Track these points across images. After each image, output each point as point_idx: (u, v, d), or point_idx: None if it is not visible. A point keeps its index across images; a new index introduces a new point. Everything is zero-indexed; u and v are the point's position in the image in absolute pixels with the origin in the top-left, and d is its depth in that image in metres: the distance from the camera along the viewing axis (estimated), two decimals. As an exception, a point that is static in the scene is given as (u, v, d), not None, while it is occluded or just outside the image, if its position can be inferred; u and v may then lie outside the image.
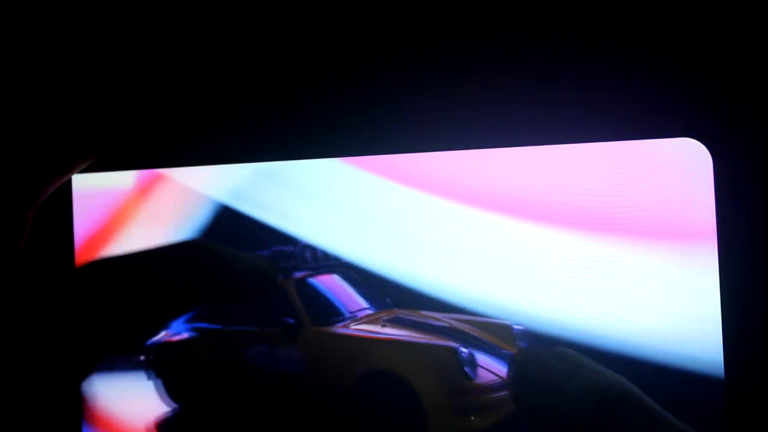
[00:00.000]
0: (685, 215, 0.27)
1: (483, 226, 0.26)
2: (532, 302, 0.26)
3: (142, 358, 0.28)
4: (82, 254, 0.29)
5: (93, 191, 0.28)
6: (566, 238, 0.26)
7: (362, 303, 0.27)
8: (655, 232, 0.26)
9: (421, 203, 0.27)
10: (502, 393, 0.26)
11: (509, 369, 0.27)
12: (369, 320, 0.27)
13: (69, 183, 0.29)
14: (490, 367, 0.26)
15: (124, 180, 0.28)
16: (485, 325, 0.26)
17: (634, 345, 0.26)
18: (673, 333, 0.26)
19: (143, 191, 0.28)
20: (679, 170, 0.28)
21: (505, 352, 0.26)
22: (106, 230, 0.29)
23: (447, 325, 0.26)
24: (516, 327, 0.26)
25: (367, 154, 0.27)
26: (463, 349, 0.26)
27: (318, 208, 0.27)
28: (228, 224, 0.27)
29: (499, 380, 0.26)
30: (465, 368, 0.26)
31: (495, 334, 0.26)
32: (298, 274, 0.27)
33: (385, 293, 0.27)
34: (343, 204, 0.27)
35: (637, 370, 0.26)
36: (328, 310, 0.27)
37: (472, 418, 0.26)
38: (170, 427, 0.28)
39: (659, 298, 0.26)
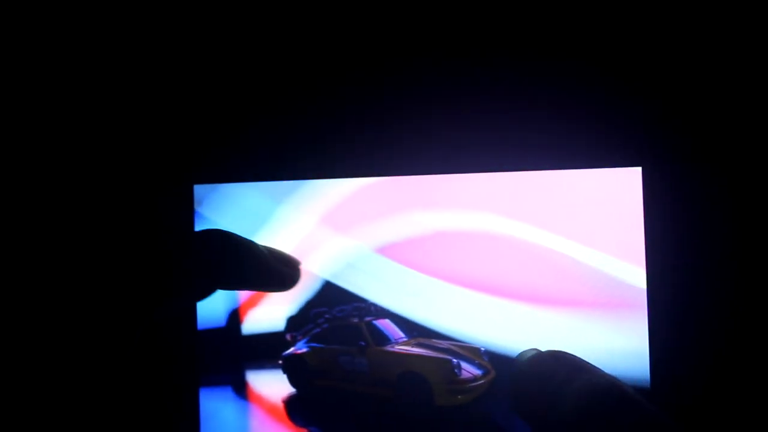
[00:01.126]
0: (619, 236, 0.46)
1: (468, 296, 0.49)
2: (494, 336, 0.49)
3: (280, 362, 0.51)
4: (243, 310, 0.52)
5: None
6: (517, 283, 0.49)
7: (400, 334, 0.50)
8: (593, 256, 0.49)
9: (428, 282, 0.49)
10: (476, 383, 0.49)
11: (511, 373, 0.29)
12: (404, 344, 0.50)
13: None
14: (469, 370, 0.49)
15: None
16: (465, 346, 0.49)
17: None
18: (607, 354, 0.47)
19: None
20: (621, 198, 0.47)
21: (477, 362, 0.49)
22: (260, 293, 0.51)
23: (445, 347, 0.49)
24: (482, 348, 0.49)
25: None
26: (454, 360, 0.49)
27: (377, 285, 0.50)
28: (330, 292, 0.50)
29: (472, 377, 0.49)
30: (455, 370, 0.49)
31: (471, 351, 0.49)
32: (367, 318, 0.50)
33: (413, 329, 0.50)
34: (392, 280, 0.50)
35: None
36: (383, 338, 0.50)
37: (459, 396, 0.49)
38: (292, 402, 0.51)
39: (594, 327, 0.48)
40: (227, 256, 0.31)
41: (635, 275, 0.46)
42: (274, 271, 0.35)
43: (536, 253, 0.47)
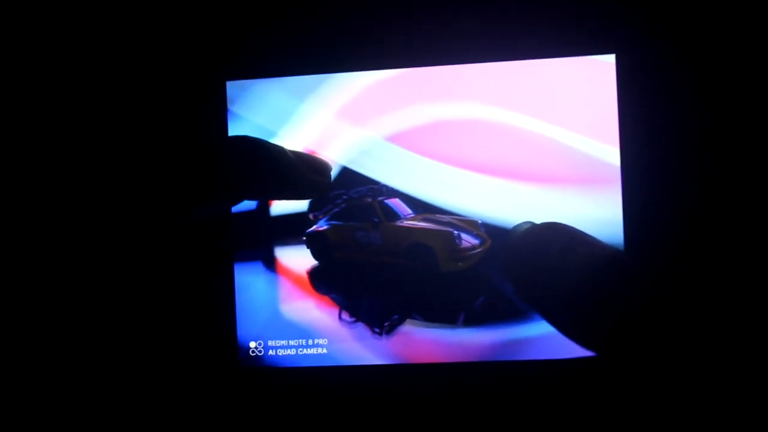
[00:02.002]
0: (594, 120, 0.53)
1: (467, 177, 0.57)
2: (489, 210, 0.57)
3: (304, 239, 0.59)
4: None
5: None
6: (508, 161, 0.56)
7: (409, 210, 0.57)
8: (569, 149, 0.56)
9: (432, 165, 0.57)
10: (474, 251, 0.57)
11: (506, 246, 0.30)
12: (412, 219, 0.57)
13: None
14: (468, 240, 0.57)
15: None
16: (465, 220, 0.56)
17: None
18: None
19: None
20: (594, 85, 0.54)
21: (474, 233, 0.57)
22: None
23: (448, 220, 0.57)
24: (480, 220, 0.56)
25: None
26: (455, 232, 0.57)
27: (389, 169, 0.57)
28: (347, 176, 0.58)
29: (471, 246, 0.57)
30: (455, 240, 0.56)
31: (469, 224, 0.56)
32: (380, 197, 0.57)
33: (419, 206, 0.57)
34: (401, 164, 0.57)
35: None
36: (393, 214, 0.58)
37: (460, 263, 0.57)
38: (315, 273, 0.59)
39: (573, 200, 0.56)
40: (258, 163, 0.31)
41: (610, 154, 0.54)
42: (306, 179, 0.34)
43: (522, 137, 0.54)
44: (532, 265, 0.27)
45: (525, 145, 0.54)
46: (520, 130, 0.54)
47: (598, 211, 0.53)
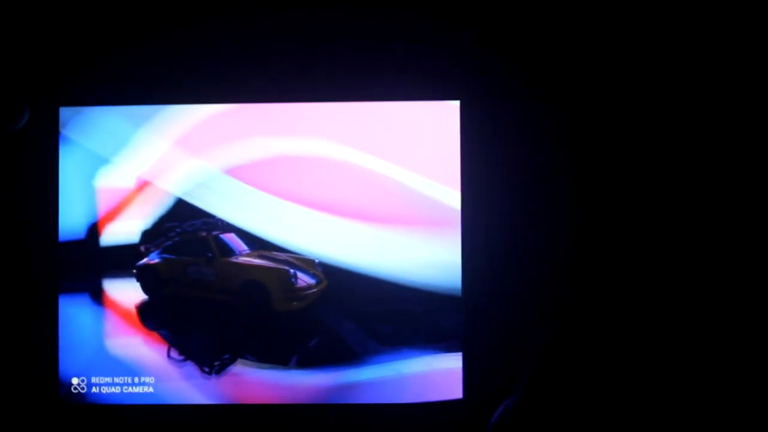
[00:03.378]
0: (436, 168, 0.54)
1: (304, 214, 0.55)
2: (327, 250, 0.55)
3: (134, 271, 0.56)
4: (102, 224, 0.56)
5: (112, 187, 0.56)
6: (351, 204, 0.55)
7: (244, 246, 0.55)
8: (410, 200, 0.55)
9: (270, 200, 0.55)
10: (310, 291, 0.55)
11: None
12: (248, 255, 0.56)
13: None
14: (304, 279, 0.55)
15: (129, 183, 0.56)
16: (302, 258, 0.55)
17: (398, 276, 0.55)
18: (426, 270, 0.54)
19: (137, 189, 0.56)
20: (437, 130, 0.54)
21: (311, 272, 0.55)
22: (117, 209, 0.56)
23: (284, 258, 0.55)
24: (317, 260, 0.55)
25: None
26: (291, 270, 0.55)
27: (225, 202, 0.56)
28: (181, 208, 0.55)
29: (307, 285, 0.55)
30: (291, 279, 0.55)
31: (306, 263, 0.55)
32: (215, 232, 0.55)
33: (255, 243, 0.55)
34: (238, 199, 0.55)
35: (397, 292, 0.54)
36: (228, 250, 0.56)
37: (294, 303, 0.55)
38: (144, 308, 0.56)
39: (414, 248, 0.54)
40: None
41: (452, 197, 0.53)
42: None
43: (366, 176, 0.53)
44: None
45: (368, 185, 0.53)
46: (363, 170, 0.53)
47: (438, 254, 0.52)
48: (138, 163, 0.56)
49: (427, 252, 0.54)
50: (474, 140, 0.55)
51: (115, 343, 0.55)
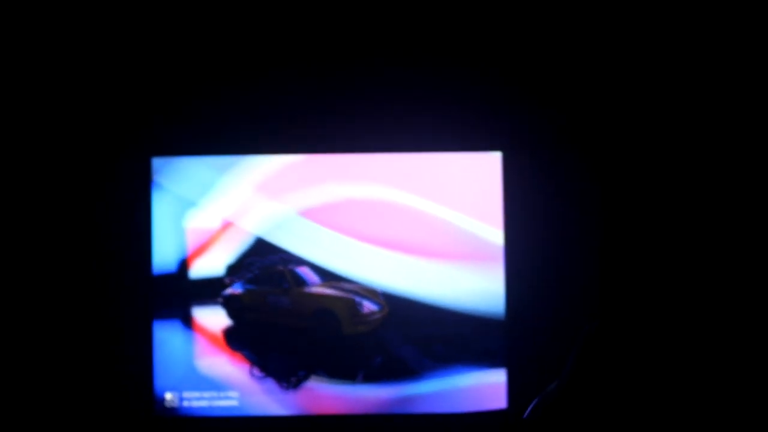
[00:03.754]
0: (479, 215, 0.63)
1: (370, 251, 0.63)
2: (388, 280, 0.64)
3: (220, 300, 0.65)
4: (191, 259, 0.64)
5: (200, 228, 0.64)
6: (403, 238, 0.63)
7: (316, 278, 0.64)
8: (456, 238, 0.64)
9: (339, 238, 0.63)
10: (374, 317, 0.63)
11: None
12: (319, 286, 0.64)
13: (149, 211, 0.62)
14: (369, 306, 0.64)
15: (215, 224, 0.64)
16: (366, 288, 0.64)
17: (449, 303, 0.63)
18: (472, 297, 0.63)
19: (222, 229, 0.64)
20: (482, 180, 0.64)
21: (374, 300, 0.63)
22: (204, 246, 0.64)
23: (351, 288, 0.64)
24: (379, 289, 0.63)
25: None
26: (357, 299, 0.63)
27: (300, 241, 0.64)
28: (261, 246, 0.64)
29: (371, 312, 0.63)
30: (357, 306, 0.63)
31: (370, 292, 0.64)
32: (290, 266, 0.64)
33: (326, 275, 0.64)
34: (311, 237, 0.64)
35: (448, 317, 0.62)
36: (302, 281, 0.64)
37: (360, 327, 0.64)
38: (229, 331, 0.65)
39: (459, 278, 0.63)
40: None
41: (495, 235, 0.61)
42: None
43: (419, 217, 0.62)
44: None
45: (421, 225, 0.61)
46: (418, 212, 0.61)
47: (484, 283, 0.61)
48: (222, 207, 0.64)
49: (474, 282, 0.63)
50: (515, 185, 0.63)
51: (203, 362, 0.64)
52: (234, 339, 0.64)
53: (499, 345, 0.63)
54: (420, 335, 0.62)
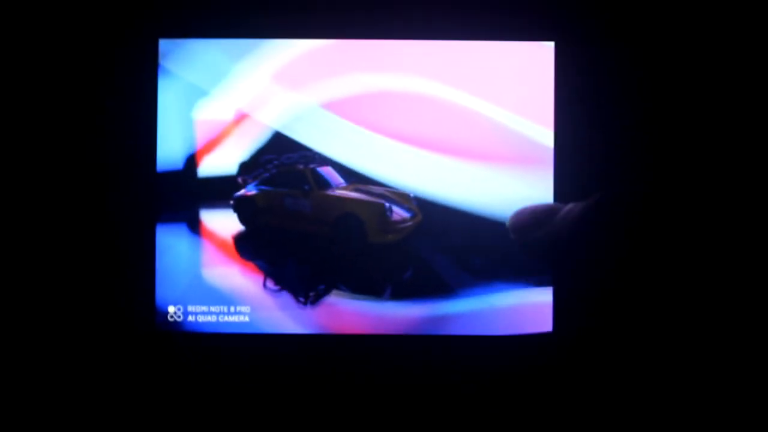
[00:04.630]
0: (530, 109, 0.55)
1: (401, 149, 0.56)
2: (422, 184, 0.56)
3: (231, 202, 0.57)
4: (200, 155, 0.57)
5: (210, 119, 0.57)
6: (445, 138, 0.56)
7: (341, 180, 0.56)
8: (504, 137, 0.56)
9: (367, 135, 0.56)
10: (405, 224, 0.56)
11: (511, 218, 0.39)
12: (343, 189, 0.56)
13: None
14: (399, 213, 0.56)
15: (227, 115, 0.57)
16: (397, 192, 0.56)
17: (490, 212, 0.55)
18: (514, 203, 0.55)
19: (236, 122, 0.57)
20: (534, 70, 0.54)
21: (406, 206, 0.56)
22: (215, 141, 0.57)
23: (380, 192, 0.56)
24: (412, 194, 0.56)
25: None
26: (387, 204, 0.56)
27: (323, 136, 0.56)
28: (279, 141, 0.56)
29: (401, 219, 0.56)
30: (386, 212, 0.56)
31: (401, 197, 0.56)
32: (312, 165, 0.56)
33: (351, 176, 0.56)
34: (335, 133, 0.56)
35: (489, 227, 0.55)
36: (325, 183, 0.57)
37: (389, 236, 0.56)
38: (241, 238, 0.57)
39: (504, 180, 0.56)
40: None
41: (545, 135, 0.54)
42: None
43: (460, 114, 0.54)
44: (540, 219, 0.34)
45: (462, 122, 0.53)
46: (457, 107, 0.53)
47: (530, 191, 0.53)
48: (237, 96, 0.56)
49: (519, 189, 0.55)
50: (568, 82, 0.56)
51: (211, 272, 0.56)
52: (246, 247, 0.56)
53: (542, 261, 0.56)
54: (457, 247, 0.55)
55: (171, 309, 0.55)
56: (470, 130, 0.53)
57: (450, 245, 0.54)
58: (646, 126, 0.55)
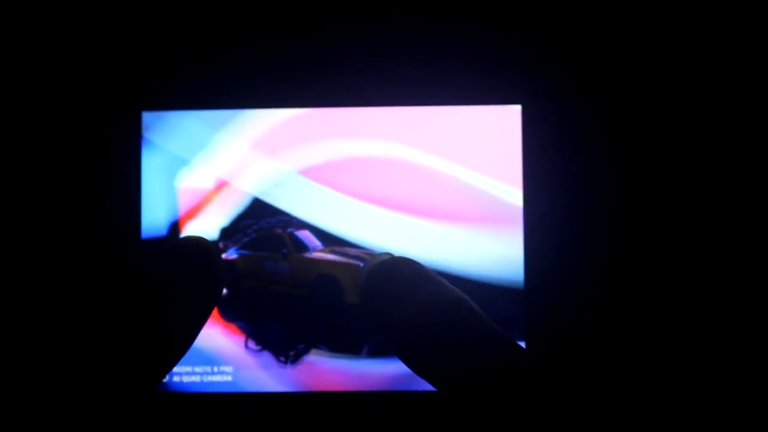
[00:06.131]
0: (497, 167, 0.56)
1: (374, 212, 0.58)
2: (396, 245, 0.58)
3: (213, 267, 0.59)
4: (183, 221, 0.59)
5: (192, 187, 0.59)
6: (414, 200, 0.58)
7: (318, 243, 0.58)
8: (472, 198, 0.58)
9: (341, 198, 0.58)
10: (379, 285, 0.58)
11: (362, 272, 0.34)
12: (321, 251, 0.58)
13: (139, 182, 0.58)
14: (374, 273, 0.58)
15: (208, 183, 0.59)
16: (371, 253, 0.58)
17: (463, 270, 0.57)
18: (486, 261, 0.57)
19: (216, 189, 0.59)
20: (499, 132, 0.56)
21: (381, 266, 0.58)
22: (197, 208, 0.59)
23: (356, 253, 0.58)
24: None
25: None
26: (362, 264, 0.58)
27: (299, 201, 0.59)
28: (258, 207, 0.58)
29: (378, 278, 0.58)
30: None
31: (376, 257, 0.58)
32: (289, 229, 0.58)
33: (328, 239, 0.58)
34: (311, 197, 0.59)
35: (462, 284, 0.57)
36: (302, 246, 0.59)
37: (366, 295, 0.58)
38: (223, 301, 0.59)
39: (474, 242, 0.58)
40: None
41: (514, 195, 0.56)
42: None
43: (430, 176, 0.56)
44: (385, 294, 0.30)
45: (432, 184, 0.55)
46: (428, 170, 0.56)
47: (501, 249, 0.55)
48: (217, 165, 0.59)
49: (490, 247, 0.57)
50: (535, 142, 0.58)
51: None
52: (228, 309, 0.59)
53: (517, 315, 0.57)
54: (431, 305, 0.56)
55: (157, 370, 0.56)
56: (440, 191, 0.55)
57: (424, 303, 0.56)
58: (615, 177, 0.56)
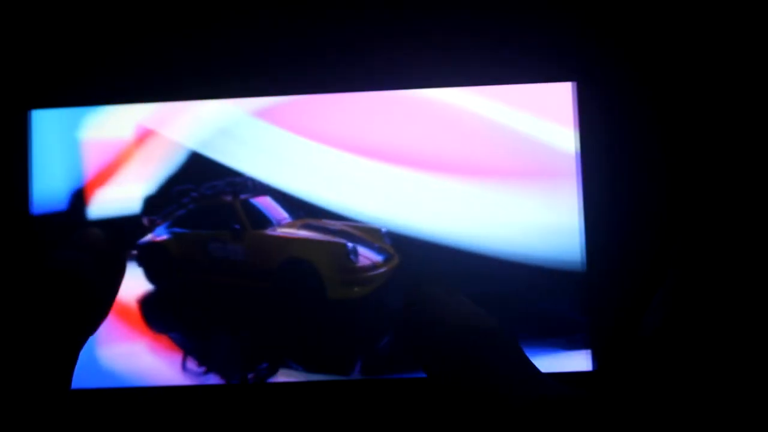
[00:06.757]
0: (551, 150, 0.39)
1: (367, 167, 0.40)
2: (398, 215, 0.40)
3: (134, 252, 0.41)
4: (90, 189, 0.42)
5: (103, 139, 0.41)
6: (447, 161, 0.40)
7: (284, 214, 0.41)
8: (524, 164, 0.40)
9: (318, 150, 0.40)
10: (376, 271, 0.40)
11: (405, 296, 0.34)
12: (289, 225, 0.41)
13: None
14: (367, 255, 0.40)
15: (125, 132, 0.41)
16: (363, 227, 0.40)
17: (493, 247, 0.40)
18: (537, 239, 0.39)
19: (137, 141, 0.41)
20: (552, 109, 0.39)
21: (377, 245, 0.40)
22: (110, 169, 0.42)
23: (339, 228, 0.40)
24: (384, 229, 0.40)
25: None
26: (349, 244, 0.40)
27: (256, 155, 0.41)
28: (197, 164, 0.41)
29: (371, 264, 0.40)
30: (350, 256, 0.40)
31: (369, 233, 0.40)
32: (243, 196, 0.41)
33: (299, 208, 0.40)
34: (273, 149, 0.41)
35: (495, 268, 0.39)
36: (262, 219, 0.41)
37: (355, 288, 0.40)
38: (150, 302, 0.41)
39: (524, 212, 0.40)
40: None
41: (567, 138, 0.38)
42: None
43: (444, 114, 0.39)
44: (421, 315, 0.33)
45: (450, 125, 0.38)
46: (442, 105, 0.38)
47: (548, 216, 0.38)
48: (137, 107, 0.41)
49: (534, 212, 0.39)
50: (590, 120, 0.41)
51: (110, 351, 0.41)
52: (157, 314, 0.40)
53: (577, 311, 0.39)
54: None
55: (57, 403, 0.38)
56: (460, 136, 0.38)
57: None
58: (671, 160, 0.42)
